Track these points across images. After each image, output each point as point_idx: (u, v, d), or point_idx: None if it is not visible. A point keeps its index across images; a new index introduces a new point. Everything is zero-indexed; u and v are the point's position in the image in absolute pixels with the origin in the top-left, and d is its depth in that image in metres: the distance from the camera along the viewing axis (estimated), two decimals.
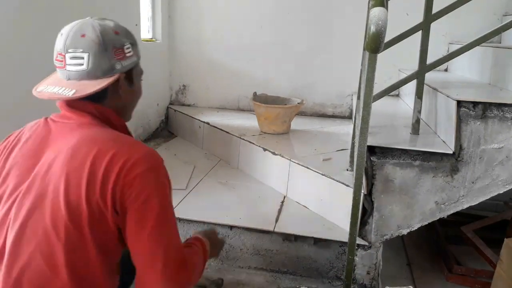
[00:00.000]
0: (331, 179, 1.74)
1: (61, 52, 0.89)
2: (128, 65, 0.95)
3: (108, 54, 0.90)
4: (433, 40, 1.65)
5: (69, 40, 0.89)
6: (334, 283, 1.65)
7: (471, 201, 1.52)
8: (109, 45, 0.90)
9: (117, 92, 0.94)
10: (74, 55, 0.89)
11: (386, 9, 1.11)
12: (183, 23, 3.05)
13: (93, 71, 0.89)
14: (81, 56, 0.89)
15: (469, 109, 1.44)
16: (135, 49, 0.98)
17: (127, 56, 0.94)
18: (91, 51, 0.89)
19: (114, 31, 0.92)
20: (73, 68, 0.89)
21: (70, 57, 0.89)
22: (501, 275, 1.83)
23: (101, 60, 0.90)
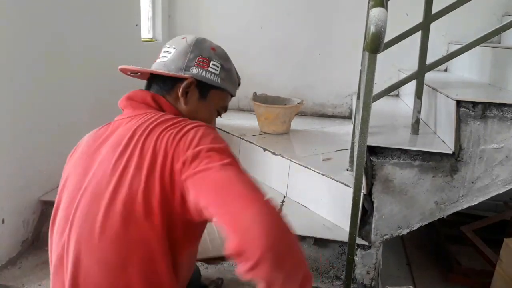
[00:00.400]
0: (331, 179, 1.74)
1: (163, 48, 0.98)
2: (207, 78, 0.94)
3: (191, 56, 0.94)
4: (433, 40, 1.65)
5: (172, 40, 0.99)
6: (334, 283, 1.65)
7: (471, 201, 1.52)
8: (197, 51, 0.94)
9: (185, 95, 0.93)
10: (166, 49, 0.97)
11: (386, 9, 1.11)
12: (183, 23, 3.05)
13: (169, 63, 0.93)
14: (169, 51, 0.96)
15: (469, 109, 1.44)
16: (223, 73, 0.98)
17: (210, 71, 0.95)
18: (178, 48, 0.95)
19: (211, 47, 0.99)
20: (159, 60, 0.96)
21: (163, 51, 0.97)
22: (501, 275, 1.83)
23: (181, 57, 0.93)
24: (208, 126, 0.83)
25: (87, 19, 2.02)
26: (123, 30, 2.42)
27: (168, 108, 0.91)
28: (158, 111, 0.89)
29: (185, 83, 0.91)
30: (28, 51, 1.66)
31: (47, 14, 1.76)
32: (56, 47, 1.83)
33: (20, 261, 1.67)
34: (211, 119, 1.00)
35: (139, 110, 0.88)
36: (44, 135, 1.78)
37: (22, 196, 1.71)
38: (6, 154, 1.61)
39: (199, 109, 0.95)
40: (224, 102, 1.02)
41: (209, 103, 0.97)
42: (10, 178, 1.64)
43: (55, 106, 1.84)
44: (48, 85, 1.78)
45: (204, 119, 0.94)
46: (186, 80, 0.91)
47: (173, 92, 0.93)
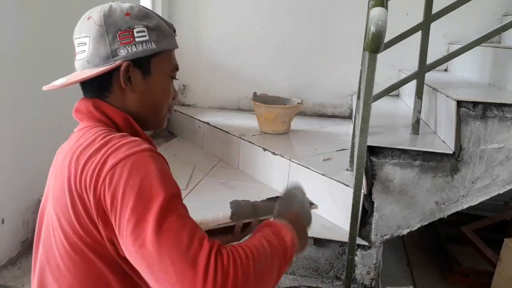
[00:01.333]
0: (331, 179, 1.74)
1: (73, 41, 0.79)
2: (139, 52, 0.77)
3: (110, 38, 0.75)
4: (433, 40, 1.65)
5: (78, 24, 0.79)
6: (334, 283, 1.65)
7: (471, 201, 1.52)
8: (111, 28, 0.76)
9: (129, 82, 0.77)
10: (79, 41, 0.78)
11: (386, 9, 1.11)
12: (183, 23, 3.05)
13: (92, 58, 0.76)
14: (84, 42, 0.77)
15: (469, 109, 1.44)
16: (153, 35, 0.78)
17: (138, 41, 0.76)
18: (91, 35, 0.76)
19: (125, 12, 0.77)
20: (78, 57, 0.78)
21: (77, 44, 0.78)
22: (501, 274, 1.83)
23: (100, 43, 0.75)
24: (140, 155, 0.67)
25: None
26: None
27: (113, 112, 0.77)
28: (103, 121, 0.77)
29: (122, 71, 0.75)
30: (28, 51, 1.66)
31: (48, 15, 1.76)
32: (57, 47, 1.83)
33: (20, 261, 1.67)
34: (168, 89, 0.85)
35: (87, 122, 0.78)
36: (44, 135, 1.78)
37: (22, 196, 1.71)
38: (6, 154, 1.61)
39: (151, 87, 0.80)
40: (172, 62, 0.85)
41: (157, 75, 0.81)
42: (10, 178, 1.64)
43: (56, 106, 1.84)
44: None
45: (161, 94, 0.83)
46: (120, 67, 0.75)
47: (114, 88, 0.78)
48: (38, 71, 1.73)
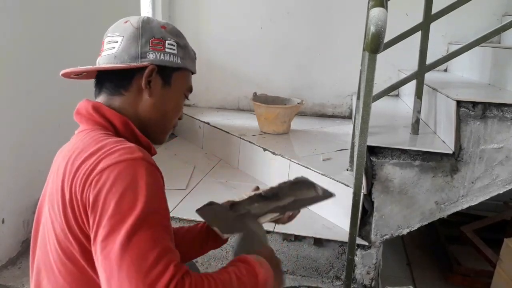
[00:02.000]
0: (331, 179, 1.74)
1: (103, 39, 0.82)
2: (166, 61, 0.80)
3: (143, 41, 0.78)
4: (433, 41, 1.65)
5: (113, 26, 0.82)
6: (334, 283, 1.65)
7: (471, 201, 1.52)
8: (147, 33, 0.79)
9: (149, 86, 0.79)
10: (111, 39, 0.80)
11: (385, 9, 1.11)
12: (183, 23, 3.05)
13: (120, 54, 0.78)
14: (115, 40, 0.79)
15: (469, 109, 1.44)
16: (181, 52, 0.83)
17: (167, 52, 0.80)
18: (125, 34, 0.79)
19: (160, 25, 0.82)
20: (105, 53, 0.80)
21: (107, 41, 0.80)
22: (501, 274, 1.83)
23: (133, 44, 0.78)
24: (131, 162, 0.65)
25: (87, 20, 2.02)
26: None
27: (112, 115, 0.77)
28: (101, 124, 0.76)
29: (146, 72, 0.77)
30: (28, 51, 1.66)
31: (48, 15, 1.76)
32: (57, 47, 1.83)
33: (20, 261, 1.67)
34: (180, 106, 0.88)
35: (86, 125, 0.77)
36: (44, 135, 1.78)
37: (22, 196, 1.71)
38: (7, 154, 1.61)
39: (166, 98, 0.83)
40: (188, 83, 0.89)
41: (174, 89, 0.84)
42: (10, 178, 1.64)
43: (56, 106, 1.84)
44: (49, 85, 1.78)
45: (173, 107, 0.85)
46: (146, 68, 0.77)
47: (132, 87, 0.79)
48: (38, 71, 1.73)
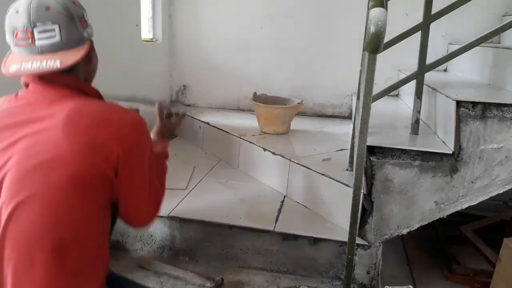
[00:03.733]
0: (331, 179, 1.74)
1: (26, 29, 0.88)
2: (91, 33, 0.99)
3: (76, 24, 0.93)
4: (433, 41, 1.65)
5: (34, 15, 0.87)
6: (334, 282, 1.65)
7: (470, 201, 1.53)
8: (75, 15, 0.92)
9: (89, 60, 0.98)
10: (44, 28, 0.88)
11: (385, 9, 1.11)
12: (184, 24, 3.05)
13: (66, 41, 0.90)
14: (51, 29, 0.89)
15: (469, 109, 1.44)
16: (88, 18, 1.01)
17: (88, 25, 0.98)
18: (60, 23, 0.89)
19: (73, 2, 0.94)
20: (44, 41, 0.89)
21: (38, 31, 0.88)
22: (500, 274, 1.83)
23: (72, 30, 0.91)
24: None
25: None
26: (123, 30, 2.42)
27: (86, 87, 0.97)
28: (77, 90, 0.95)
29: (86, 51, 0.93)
30: None
31: None
32: None
33: None
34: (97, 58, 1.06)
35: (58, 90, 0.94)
36: None
37: None
38: None
39: (94, 59, 1.02)
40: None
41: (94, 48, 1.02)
42: None
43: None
44: None
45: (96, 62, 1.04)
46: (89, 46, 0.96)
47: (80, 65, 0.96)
48: None
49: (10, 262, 0.82)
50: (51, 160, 0.83)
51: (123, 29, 2.41)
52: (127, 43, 2.44)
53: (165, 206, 1.80)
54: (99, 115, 0.89)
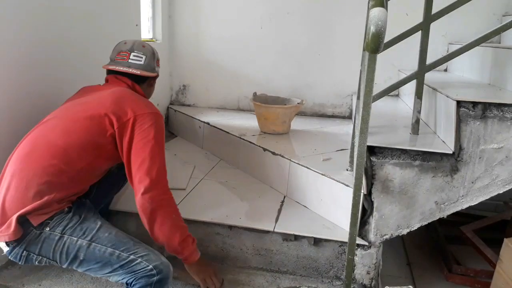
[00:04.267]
0: (331, 179, 1.74)
1: (126, 51, 1.53)
2: (158, 72, 1.64)
3: (154, 61, 1.59)
4: (433, 40, 1.65)
5: (135, 47, 1.54)
6: (334, 282, 1.65)
7: (470, 201, 1.53)
8: (155, 56, 1.61)
9: (151, 84, 1.63)
10: (137, 54, 1.53)
11: (386, 9, 1.11)
12: (183, 23, 3.05)
13: (146, 66, 1.55)
14: (141, 56, 1.54)
15: (469, 109, 1.44)
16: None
17: (159, 67, 1.65)
18: (147, 55, 1.56)
19: (155, 51, 1.62)
20: (134, 61, 1.52)
21: (133, 55, 1.52)
22: (501, 274, 1.83)
23: (151, 62, 1.57)
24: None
25: (87, 20, 2.02)
26: (123, 30, 2.42)
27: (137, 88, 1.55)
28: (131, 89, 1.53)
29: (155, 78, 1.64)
30: (28, 51, 1.66)
31: (48, 15, 1.76)
32: (57, 47, 1.83)
33: None
34: None
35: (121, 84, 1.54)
36: None
37: None
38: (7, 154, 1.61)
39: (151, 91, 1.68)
40: None
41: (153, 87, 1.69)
42: None
43: (57, 106, 1.84)
44: (50, 85, 1.78)
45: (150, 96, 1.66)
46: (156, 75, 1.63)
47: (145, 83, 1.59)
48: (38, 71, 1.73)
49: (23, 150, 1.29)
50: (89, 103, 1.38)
51: (123, 29, 2.41)
52: None
53: None
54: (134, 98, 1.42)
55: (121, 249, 1.24)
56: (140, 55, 1.52)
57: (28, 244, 1.22)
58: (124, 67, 1.49)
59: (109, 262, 1.22)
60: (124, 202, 1.84)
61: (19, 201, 1.21)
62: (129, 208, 1.78)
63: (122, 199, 1.85)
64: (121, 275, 1.23)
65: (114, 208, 1.80)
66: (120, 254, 1.23)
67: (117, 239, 1.26)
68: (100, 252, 1.23)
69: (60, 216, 1.25)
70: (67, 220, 1.25)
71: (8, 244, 1.22)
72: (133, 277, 1.21)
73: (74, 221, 1.25)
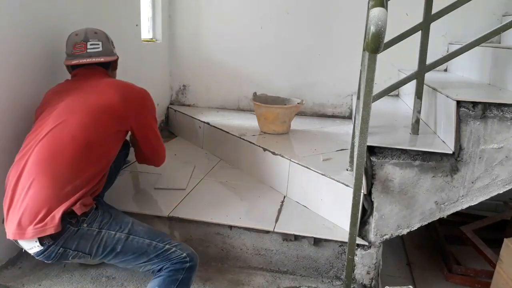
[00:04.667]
0: (331, 179, 1.74)
1: (81, 42, 1.54)
2: (116, 53, 1.68)
3: (110, 44, 1.63)
4: (433, 40, 1.65)
5: (89, 35, 1.56)
6: (334, 282, 1.65)
7: (470, 201, 1.53)
8: (109, 39, 1.64)
9: (114, 68, 1.68)
10: (93, 42, 1.55)
11: (386, 9, 1.11)
12: (183, 23, 3.05)
13: (105, 51, 1.58)
14: (97, 43, 1.56)
15: (469, 109, 1.44)
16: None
17: (114, 48, 1.69)
18: (103, 40, 1.59)
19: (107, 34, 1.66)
20: (93, 50, 1.54)
21: (90, 44, 1.54)
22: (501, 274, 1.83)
23: (108, 45, 1.60)
24: None
25: (87, 20, 2.02)
26: (123, 30, 2.42)
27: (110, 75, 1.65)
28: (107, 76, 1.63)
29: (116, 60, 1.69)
30: (29, 51, 1.66)
31: (48, 15, 1.76)
32: (57, 47, 1.83)
33: (20, 261, 1.67)
34: None
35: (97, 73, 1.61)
36: None
37: None
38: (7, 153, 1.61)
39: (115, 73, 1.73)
40: None
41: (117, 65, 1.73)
42: None
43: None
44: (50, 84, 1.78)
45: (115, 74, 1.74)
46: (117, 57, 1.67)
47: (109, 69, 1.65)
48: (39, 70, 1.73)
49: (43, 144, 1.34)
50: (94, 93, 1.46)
51: (123, 29, 2.41)
52: (127, 43, 2.44)
53: (165, 206, 1.81)
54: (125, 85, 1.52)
55: (157, 240, 1.36)
56: (96, 42, 1.54)
57: (66, 241, 1.28)
58: (86, 58, 1.52)
59: (146, 252, 1.33)
60: (126, 201, 1.84)
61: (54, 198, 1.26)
62: (129, 209, 1.78)
63: (123, 199, 1.85)
64: (155, 264, 1.34)
65: None
66: (156, 244, 1.34)
67: (151, 231, 1.40)
68: (138, 243, 1.33)
69: (94, 213, 1.34)
70: (101, 217, 1.35)
71: (43, 243, 1.26)
72: (169, 263, 1.33)
73: (108, 217, 1.36)
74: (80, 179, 1.31)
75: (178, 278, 1.32)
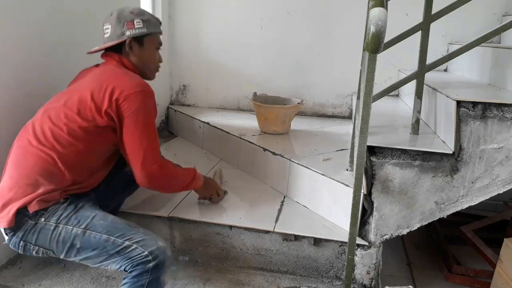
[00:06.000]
0: (331, 179, 1.74)
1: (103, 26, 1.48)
2: (137, 32, 1.45)
3: (121, 25, 1.44)
4: (433, 40, 1.65)
5: (105, 20, 1.48)
6: (334, 283, 1.65)
7: (470, 201, 1.53)
8: (122, 19, 1.44)
9: (131, 49, 1.47)
10: (106, 27, 1.47)
11: (386, 9, 1.11)
12: (183, 23, 3.05)
13: (111, 35, 1.46)
14: (108, 27, 1.46)
15: (469, 109, 1.44)
16: (146, 24, 1.47)
17: (136, 27, 1.45)
18: (112, 23, 1.45)
19: (130, 11, 1.46)
20: (106, 35, 1.47)
21: (104, 29, 1.48)
22: (501, 274, 1.83)
23: (116, 29, 1.44)
24: None
25: (87, 20, 2.02)
26: None
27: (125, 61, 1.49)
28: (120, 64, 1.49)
29: (127, 42, 1.45)
30: (29, 51, 1.66)
31: (48, 15, 1.76)
32: (57, 47, 1.83)
33: (20, 261, 1.67)
34: (153, 56, 1.54)
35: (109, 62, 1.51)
36: None
37: None
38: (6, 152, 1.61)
39: (143, 54, 1.50)
40: (157, 41, 1.54)
41: (147, 47, 1.50)
42: None
43: None
44: (50, 86, 1.78)
45: (148, 57, 1.52)
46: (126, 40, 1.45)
47: (124, 51, 1.47)
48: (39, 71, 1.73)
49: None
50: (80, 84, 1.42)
51: None
52: None
53: (165, 206, 1.81)
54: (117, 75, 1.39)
55: (116, 235, 1.25)
56: (107, 26, 1.45)
57: (25, 234, 1.25)
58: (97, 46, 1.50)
59: (105, 248, 1.24)
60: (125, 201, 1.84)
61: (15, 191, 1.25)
62: (129, 209, 1.78)
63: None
64: (118, 263, 1.24)
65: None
66: (115, 240, 1.24)
67: (112, 225, 1.28)
68: (95, 239, 1.25)
69: (54, 207, 1.28)
70: (61, 210, 1.28)
71: (7, 233, 1.27)
72: (130, 263, 1.22)
73: (69, 211, 1.28)
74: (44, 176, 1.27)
75: (144, 283, 1.22)
